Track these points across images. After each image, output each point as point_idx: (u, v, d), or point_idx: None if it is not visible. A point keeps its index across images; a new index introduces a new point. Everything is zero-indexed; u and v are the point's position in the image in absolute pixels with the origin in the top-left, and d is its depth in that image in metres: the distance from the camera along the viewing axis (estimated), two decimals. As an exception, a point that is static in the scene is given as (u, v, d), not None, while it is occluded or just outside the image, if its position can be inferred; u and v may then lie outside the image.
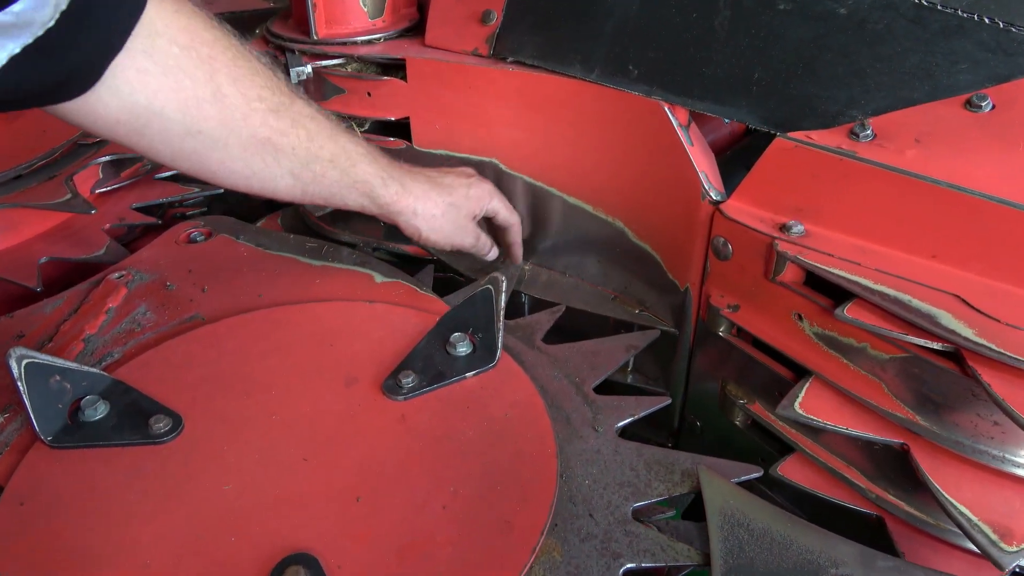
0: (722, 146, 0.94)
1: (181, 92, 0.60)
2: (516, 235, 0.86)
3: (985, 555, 0.49)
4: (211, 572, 0.50)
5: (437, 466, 0.58)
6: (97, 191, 0.96)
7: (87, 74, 0.55)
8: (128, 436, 0.60)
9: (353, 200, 0.73)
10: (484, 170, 0.85)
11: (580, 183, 0.81)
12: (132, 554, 0.51)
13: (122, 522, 0.53)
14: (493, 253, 0.87)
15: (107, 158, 0.95)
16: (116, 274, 0.81)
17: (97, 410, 0.61)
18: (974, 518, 0.51)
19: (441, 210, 0.77)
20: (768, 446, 0.71)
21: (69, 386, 0.62)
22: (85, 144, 0.97)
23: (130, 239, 0.98)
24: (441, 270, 0.91)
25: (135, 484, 0.56)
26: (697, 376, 0.77)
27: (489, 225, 0.86)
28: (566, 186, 0.82)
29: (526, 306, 0.88)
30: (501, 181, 0.85)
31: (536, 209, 0.85)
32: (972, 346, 0.51)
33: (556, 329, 0.78)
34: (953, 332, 0.52)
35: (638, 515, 0.57)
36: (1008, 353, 0.49)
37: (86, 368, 0.63)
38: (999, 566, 0.49)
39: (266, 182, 0.68)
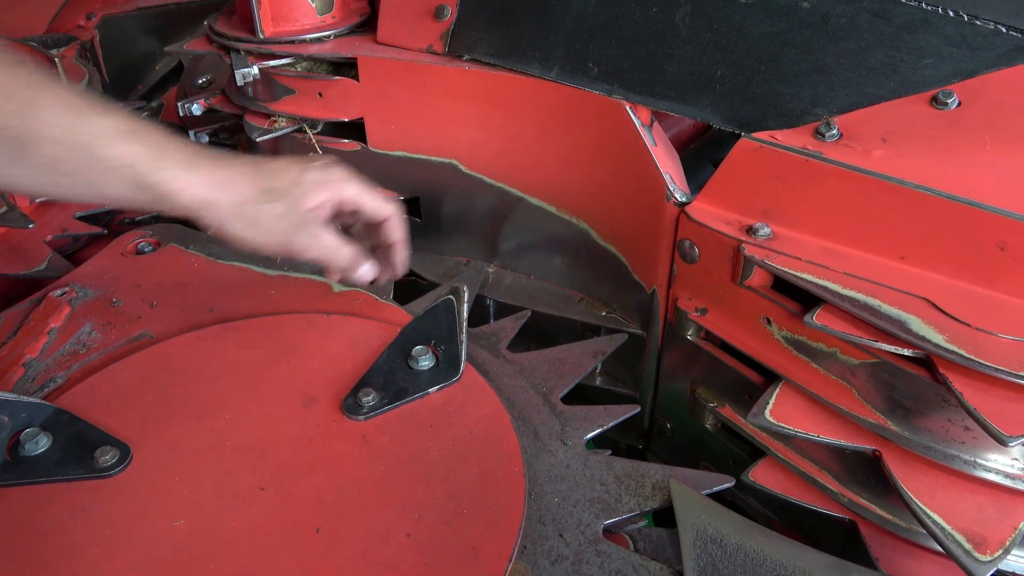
0: (687, 139, 0.93)
1: None
2: (395, 232, 0.67)
3: (960, 565, 0.49)
4: (163, 618, 0.47)
5: (401, 491, 0.55)
6: (38, 201, 0.91)
7: None
8: (72, 471, 0.57)
9: (117, 191, 0.56)
10: (443, 172, 0.83)
11: (542, 184, 0.78)
12: (77, 602, 0.48)
13: (66, 566, 0.50)
14: (364, 269, 0.65)
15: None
16: (58, 291, 0.77)
17: (38, 444, 0.58)
18: (947, 527, 0.50)
19: (251, 195, 0.58)
20: (738, 449, 0.71)
21: (7, 418, 0.58)
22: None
23: (74, 250, 0.94)
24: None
25: (80, 524, 0.53)
26: (666, 378, 0.76)
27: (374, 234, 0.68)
28: (528, 187, 0.79)
29: (491, 310, 0.86)
30: (461, 182, 0.82)
31: (499, 211, 0.83)
32: (943, 352, 0.50)
33: (523, 333, 0.76)
34: (923, 339, 0.51)
35: (607, 530, 0.55)
36: (978, 360, 0.49)
37: (26, 399, 0.60)
38: (973, 576, 0.48)
39: None
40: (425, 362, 0.65)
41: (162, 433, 0.60)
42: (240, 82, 0.82)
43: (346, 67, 0.84)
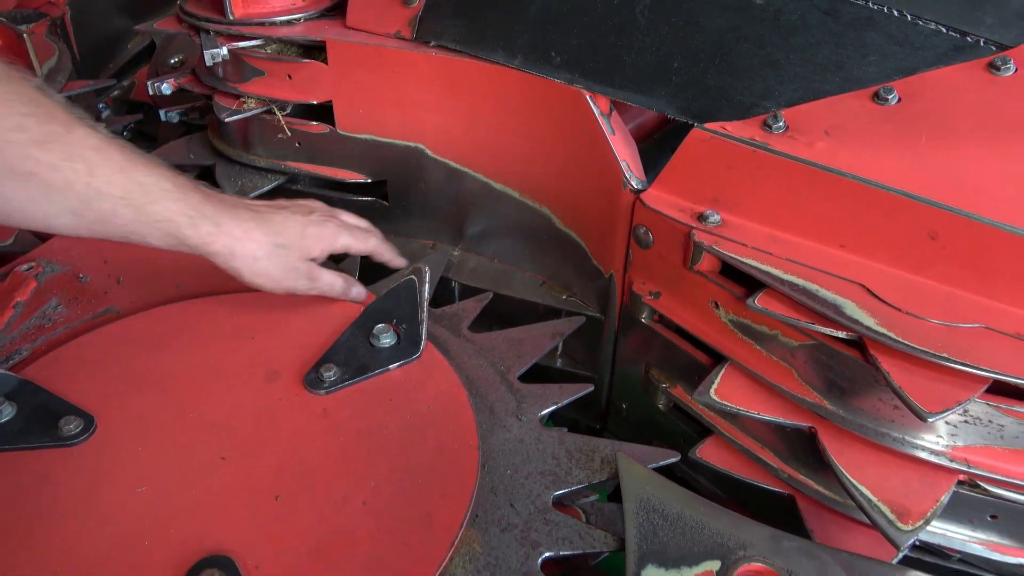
0: (650, 130, 0.95)
1: None
2: (383, 254, 0.78)
3: (883, 534, 0.52)
4: (123, 579, 0.49)
5: (358, 462, 0.57)
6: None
7: None
8: (37, 439, 0.58)
9: (157, 240, 0.64)
10: (410, 156, 0.84)
11: (506, 169, 0.80)
12: (41, 563, 0.50)
13: (30, 530, 0.52)
14: (355, 292, 0.74)
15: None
16: (24, 266, 0.77)
17: (2, 413, 0.59)
18: (874, 499, 0.54)
19: (265, 251, 0.67)
20: (689, 428, 0.73)
21: (-28, 388, 0.59)
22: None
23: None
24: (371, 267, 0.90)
25: (44, 489, 0.55)
26: (622, 360, 0.78)
27: None
28: (493, 172, 0.81)
29: (456, 292, 0.88)
30: (427, 166, 0.84)
31: (463, 195, 0.85)
32: (874, 335, 0.53)
33: (486, 315, 0.78)
34: (856, 321, 0.54)
35: (559, 502, 0.58)
36: (906, 342, 0.51)
37: (-10, 369, 0.61)
38: (895, 545, 0.51)
39: (37, 219, 0.60)
40: (386, 340, 0.67)
41: (126, 405, 0.62)
42: (209, 62, 0.83)
43: (315, 50, 0.85)
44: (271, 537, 0.52)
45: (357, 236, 0.75)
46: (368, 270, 0.81)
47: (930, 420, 0.49)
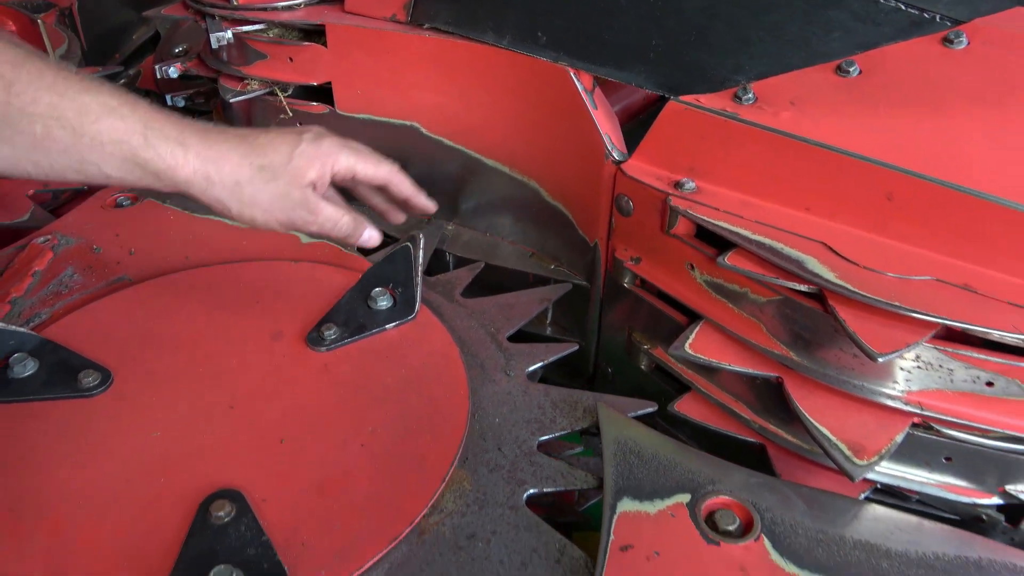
0: (636, 110, 0.99)
1: None
2: (401, 186, 0.70)
3: (840, 469, 0.56)
4: (142, 510, 0.53)
5: (357, 411, 0.62)
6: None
7: None
8: (58, 391, 0.62)
9: (114, 168, 0.56)
10: (406, 134, 0.89)
11: (497, 146, 0.85)
12: (65, 498, 0.54)
13: (54, 470, 0.56)
14: (367, 234, 0.68)
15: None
16: (41, 238, 0.82)
17: (26, 367, 0.63)
18: (833, 438, 0.58)
19: (247, 175, 0.59)
20: (669, 387, 0.78)
21: (-3, 344, 0.64)
22: None
23: (55, 207, 0.99)
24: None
25: (66, 434, 0.59)
26: (607, 326, 0.83)
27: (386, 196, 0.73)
28: (484, 148, 0.86)
29: (451, 264, 0.92)
30: (422, 144, 0.88)
31: (457, 171, 0.89)
32: (832, 287, 0.57)
33: (479, 286, 0.82)
34: (817, 275, 0.58)
35: (544, 448, 0.62)
36: (861, 292, 0.56)
37: (14, 327, 0.65)
38: (851, 477, 0.56)
39: None
40: (383, 302, 0.71)
41: (140, 361, 0.66)
42: (215, 45, 0.87)
43: (315, 34, 0.89)
44: (277, 475, 0.56)
45: (366, 160, 0.66)
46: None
47: (880, 360, 0.53)
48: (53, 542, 0.51)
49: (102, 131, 0.54)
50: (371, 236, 0.69)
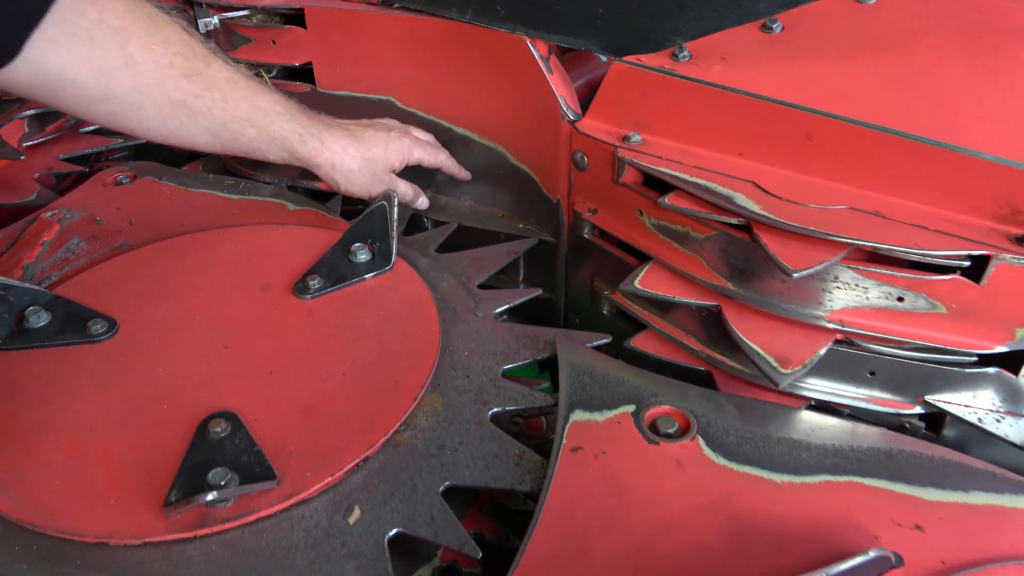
0: (598, 83, 1.06)
1: (92, 61, 0.66)
2: (449, 167, 0.93)
3: (766, 377, 0.63)
4: (148, 429, 0.60)
5: (339, 347, 0.69)
6: (24, 144, 1.03)
7: (2, 54, 0.62)
8: (69, 338, 0.69)
9: (274, 154, 0.79)
10: (382, 108, 0.95)
11: (465, 115, 0.92)
12: (78, 423, 0.61)
13: (67, 401, 0.63)
14: (421, 201, 0.92)
15: (31, 112, 1.02)
16: (49, 213, 0.89)
17: (40, 318, 0.70)
18: (762, 352, 0.65)
19: (358, 164, 0.82)
20: (629, 330, 0.84)
21: (13, 299, 0.71)
22: (7, 100, 1.04)
23: (59, 189, 1.05)
24: (349, 203, 1.02)
25: (78, 372, 0.66)
26: (573, 278, 0.90)
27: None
28: (454, 118, 0.93)
29: (428, 227, 0.99)
30: (398, 117, 0.95)
31: (431, 142, 0.96)
32: (758, 218, 0.64)
33: (455, 248, 0.89)
34: (745, 208, 0.65)
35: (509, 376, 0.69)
36: (782, 220, 0.63)
37: (27, 285, 0.72)
38: (775, 384, 0.63)
39: (184, 139, 0.76)
40: (362, 255, 0.78)
41: (143, 312, 0.73)
42: (202, 31, 0.94)
43: (296, 18, 0.96)
44: (267, 400, 0.63)
45: (428, 151, 0.89)
46: (348, 215, 0.92)
47: (795, 276, 0.60)
48: (71, 456, 0.58)
49: (275, 130, 0.77)
50: (423, 201, 0.93)
